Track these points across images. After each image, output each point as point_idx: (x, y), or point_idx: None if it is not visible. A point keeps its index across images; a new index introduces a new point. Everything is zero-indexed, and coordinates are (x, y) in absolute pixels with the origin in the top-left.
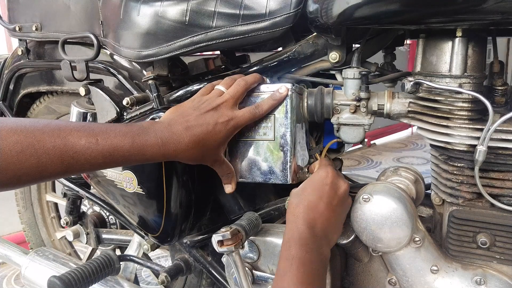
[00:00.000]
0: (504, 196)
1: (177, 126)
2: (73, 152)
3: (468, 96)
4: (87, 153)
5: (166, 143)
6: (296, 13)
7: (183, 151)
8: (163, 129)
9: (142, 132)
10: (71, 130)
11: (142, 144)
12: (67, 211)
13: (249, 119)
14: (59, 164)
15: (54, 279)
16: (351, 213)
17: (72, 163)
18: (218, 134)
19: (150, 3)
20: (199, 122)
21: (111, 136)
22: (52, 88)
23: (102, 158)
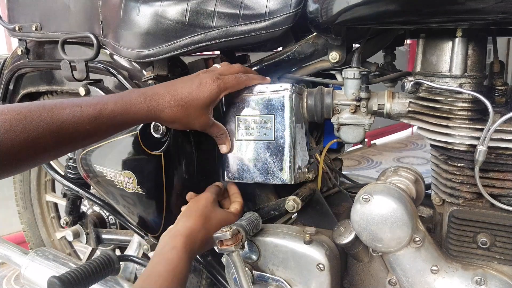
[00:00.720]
0: (504, 196)
1: (161, 88)
2: (60, 122)
3: (468, 96)
4: (73, 121)
5: (149, 101)
6: (296, 13)
7: (166, 108)
8: (146, 90)
9: (124, 95)
10: (55, 103)
11: (125, 103)
12: (67, 211)
13: (233, 85)
14: (49, 136)
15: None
16: (351, 213)
17: (61, 133)
18: (203, 93)
19: (150, 3)
20: (184, 84)
21: (94, 102)
22: (52, 88)
23: (88, 123)
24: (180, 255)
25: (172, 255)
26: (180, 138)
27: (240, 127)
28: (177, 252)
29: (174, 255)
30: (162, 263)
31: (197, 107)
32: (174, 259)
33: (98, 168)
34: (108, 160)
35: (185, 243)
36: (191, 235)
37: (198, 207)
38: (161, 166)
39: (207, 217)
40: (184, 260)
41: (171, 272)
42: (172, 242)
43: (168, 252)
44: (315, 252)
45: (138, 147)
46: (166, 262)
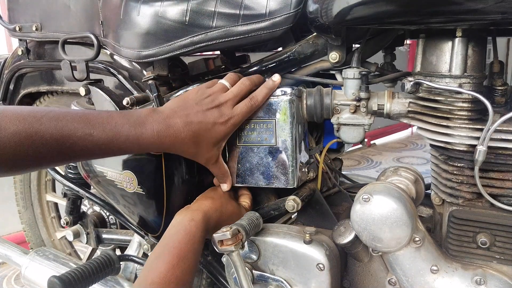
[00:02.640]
0: (504, 196)
1: (175, 119)
2: (70, 144)
3: (468, 96)
4: (83, 144)
5: (162, 136)
6: (296, 13)
7: (179, 144)
8: (160, 121)
9: (139, 124)
10: (68, 121)
11: (138, 136)
12: (67, 211)
13: (247, 113)
14: (56, 154)
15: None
16: (351, 213)
17: (69, 153)
18: (216, 133)
19: (150, 3)
20: (199, 119)
21: (107, 129)
22: (52, 88)
23: (98, 149)
24: (199, 227)
25: (191, 226)
26: None
27: (241, 132)
28: (196, 224)
29: (193, 227)
30: (181, 233)
31: (208, 145)
32: (192, 230)
33: (98, 168)
34: (109, 160)
35: (203, 218)
36: (209, 213)
37: (216, 192)
38: (161, 166)
39: (223, 202)
40: (201, 233)
41: (190, 242)
42: (191, 215)
43: (187, 224)
44: (315, 252)
45: None
46: (185, 232)
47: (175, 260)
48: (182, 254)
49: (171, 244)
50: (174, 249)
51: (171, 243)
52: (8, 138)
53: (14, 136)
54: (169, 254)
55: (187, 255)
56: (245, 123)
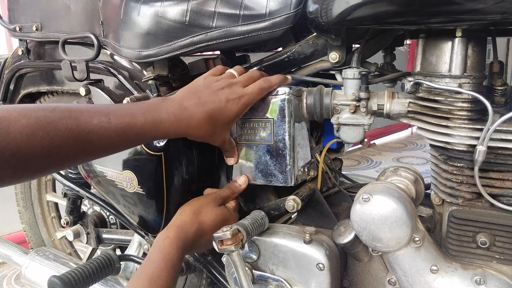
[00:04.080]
0: (503, 196)
1: (189, 102)
2: (86, 132)
3: (468, 96)
4: (100, 132)
5: (178, 119)
6: (296, 13)
7: (195, 127)
8: (174, 105)
9: (153, 109)
10: (81, 111)
11: (155, 119)
12: (68, 211)
13: (258, 94)
14: (73, 145)
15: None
16: (351, 213)
17: (86, 143)
18: (230, 111)
19: (150, 3)
20: (211, 99)
21: (123, 114)
22: (53, 88)
23: (115, 136)
24: (172, 243)
25: (165, 243)
26: (181, 138)
27: (240, 131)
28: (170, 241)
29: (167, 244)
30: (156, 251)
31: (224, 124)
32: (166, 247)
33: (98, 168)
34: (109, 160)
35: (177, 233)
36: (184, 227)
37: (192, 203)
38: (161, 166)
39: (200, 212)
40: (176, 249)
41: (163, 260)
42: (165, 233)
43: (161, 241)
44: (315, 252)
45: (139, 147)
46: (159, 250)
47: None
48: (156, 274)
49: (145, 265)
50: (148, 269)
51: (146, 264)
52: (20, 131)
53: (26, 128)
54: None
55: (161, 275)
56: (244, 122)
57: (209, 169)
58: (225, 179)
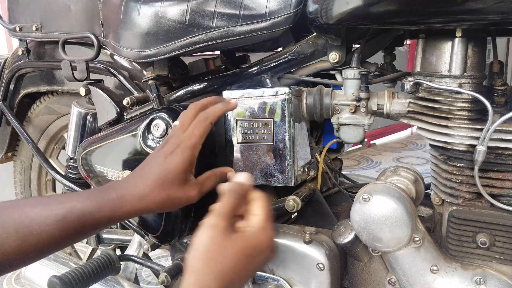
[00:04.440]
0: (503, 196)
1: (130, 179)
2: (28, 221)
3: (468, 96)
4: (41, 220)
5: (120, 196)
6: (296, 13)
7: (140, 200)
8: (118, 185)
9: (97, 191)
10: (29, 202)
11: (97, 201)
12: None
13: (199, 131)
14: (14, 237)
15: (54, 278)
16: (351, 213)
17: (28, 233)
18: (172, 165)
19: (150, 3)
20: (150, 165)
21: (65, 199)
22: (53, 88)
23: (55, 222)
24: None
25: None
26: None
27: (240, 131)
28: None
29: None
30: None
31: (176, 182)
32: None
33: (98, 168)
34: (109, 160)
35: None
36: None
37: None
38: None
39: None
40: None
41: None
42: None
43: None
44: (315, 252)
45: (139, 147)
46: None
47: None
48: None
49: None
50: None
51: None
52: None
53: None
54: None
55: None
56: (244, 122)
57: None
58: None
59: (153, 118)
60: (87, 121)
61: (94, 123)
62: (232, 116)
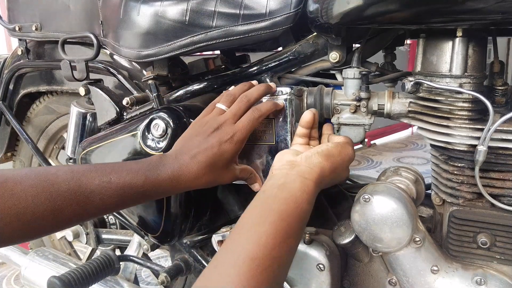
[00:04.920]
0: (504, 196)
1: (183, 157)
2: (88, 193)
3: (469, 96)
4: (101, 193)
5: (177, 176)
6: (296, 13)
7: (194, 180)
8: (171, 162)
9: (152, 168)
10: (84, 171)
11: (155, 179)
12: None
13: (250, 126)
14: (74, 206)
15: (54, 279)
16: (351, 214)
17: (87, 204)
18: (225, 153)
19: (150, 3)
20: (203, 147)
21: (123, 174)
22: (52, 88)
23: (116, 196)
24: (309, 198)
25: (302, 198)
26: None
27: None
28: (306, 196)
29: (301, 199)
30: (291, 202)
31: (223, 167)
32: (301, 202)
33: None
34: (108, 160)
35: (316, 187)
36: (322, 179)
37: (331, 148)
38: None
39: (332, 156)
40: (310, 202)
41: (298, 214)
42: (301, 186)
43: (298, 194)
44: (315, 252)
45: (138, 147)
46: (293, 201)
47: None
48: (294, 223)
49: (279, 211)
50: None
51: (279, 210)
52: (25, 191)
53: (30, 189)
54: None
55: (297, 226)
56: None
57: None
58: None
59: (153, 118)
60: (86, 121)
61: (93, 123)
62: None
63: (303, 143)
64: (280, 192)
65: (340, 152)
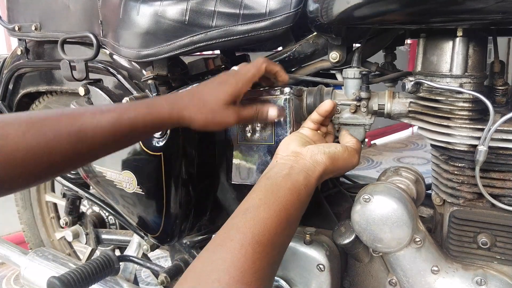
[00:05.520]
0: (504, 196)
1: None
2: (79, 125)
3: (469, 96)
4: (93, 124)
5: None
6: (296, 13)
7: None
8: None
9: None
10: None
11: (147, 104)
12: (67, 211)
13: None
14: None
15: (54, 279)
16: (352, 214)
17: (79, 138)
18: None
19: (150, 3)
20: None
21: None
22: (52, 88)
23: (107, 126)
24: (309, 192)
25: (304, 192)
26: (180, 138)
27: (241, 131)
28: (307, 190)
29: (303, 192)
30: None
31: (221, 104)
32: (303, 195)
33: (97, 168)
34: (108, 160)
35: (316, 183)
36: (322, 178)
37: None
38: (160, 166)
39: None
40: (309, 196)
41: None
42: (304, 181)
43: (301, 187)
44: (315, 253)
45: (138, 147)
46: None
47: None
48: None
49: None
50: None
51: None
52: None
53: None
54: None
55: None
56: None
57: (208, 169)
58: (225, 179)
59: None
60: None
61: None
62: None
63: (313, 128)
64: (284, 182)
65: (346, 158)
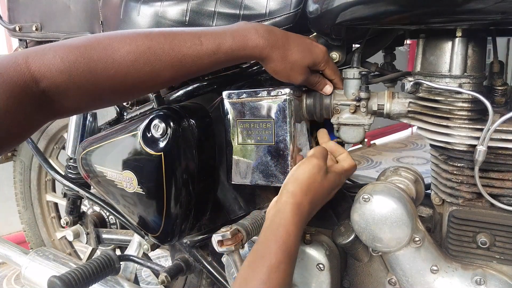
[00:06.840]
0: (504, 196)
1: (278, 32)
2: (181, 56)
3: (468, 96)
4: (193, 55)
5: (265, 36)
6: (296, 13)
7: (276, 52)
8: (264, 30)
9: (241, 29)
10: (175, 34)
11: (242, 38)
12: (67, 211)
13: (333, 69)
14: (170, 69)
15: (54, 279)
16: (351, 213)
17: (181, 66)
18: (309, 56)
19: (150, 3)
20: (296, 40)
21: (213, 35)
22: None
23: (207, 57)
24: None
25: (280, 232)
26: (181, 138)
27: (241, 131)
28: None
29: (282, 233)
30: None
31: (302, 66)
32: (282, 236)
33: (98, 168)
34: (108, 160)
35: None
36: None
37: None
38: (161, 166)
39: (315, 192)
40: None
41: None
42: (278, 220)
43: (276, 230)
44: (315, 252)
45: (139, 147)
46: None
47: (266, 274)
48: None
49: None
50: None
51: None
52: (124, 58)
53: (128, 54)
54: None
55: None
56: (244, 122)
57: (209, 169)
58: (225, 179)
59: (153, 118)
60: (87, 121)
61: (94, 123)
62: (232, 117)
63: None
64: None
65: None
